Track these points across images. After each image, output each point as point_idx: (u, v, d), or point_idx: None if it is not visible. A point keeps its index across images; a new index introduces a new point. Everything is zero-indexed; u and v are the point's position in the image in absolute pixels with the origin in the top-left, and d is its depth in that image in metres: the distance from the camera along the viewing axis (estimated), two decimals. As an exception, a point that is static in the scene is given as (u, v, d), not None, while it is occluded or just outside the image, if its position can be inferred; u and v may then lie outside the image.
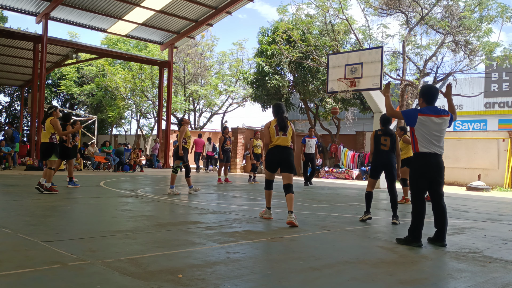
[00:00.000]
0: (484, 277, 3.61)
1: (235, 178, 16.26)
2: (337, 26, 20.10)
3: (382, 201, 10.09)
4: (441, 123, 4.78)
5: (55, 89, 36.21)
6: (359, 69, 13.44)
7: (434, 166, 4.76)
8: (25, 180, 11.98)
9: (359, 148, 21.67)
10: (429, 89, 4.97)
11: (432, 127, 4.74)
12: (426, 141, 4.75)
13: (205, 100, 33.14)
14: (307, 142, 13.87)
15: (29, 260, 3.53)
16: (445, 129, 4.84)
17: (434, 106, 4.87)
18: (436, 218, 4.88)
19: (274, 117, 6.30)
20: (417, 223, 4.80)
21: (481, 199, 11.66)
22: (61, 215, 6.17)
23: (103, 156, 18.51)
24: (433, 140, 4.74)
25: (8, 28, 21.48)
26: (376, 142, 6.62)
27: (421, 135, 4.77)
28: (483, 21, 18.13)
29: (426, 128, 4.74)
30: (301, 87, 20.97)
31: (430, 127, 4.74)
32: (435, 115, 4.77)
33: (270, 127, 6.21)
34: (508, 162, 16.73)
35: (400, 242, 4.86)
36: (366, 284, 3.27)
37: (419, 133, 4.78)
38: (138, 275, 3.25)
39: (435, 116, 4.76)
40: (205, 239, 4.75)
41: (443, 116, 4.81)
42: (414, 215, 4.86)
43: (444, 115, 4.82)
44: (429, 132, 4.74)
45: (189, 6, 19.75)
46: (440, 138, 4.78)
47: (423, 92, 4.94)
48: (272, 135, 6.17)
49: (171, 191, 9.28)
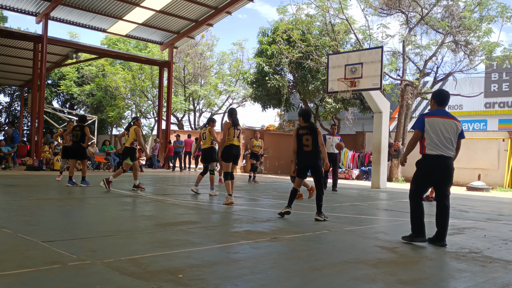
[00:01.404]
0: (484, 277, 3.61)
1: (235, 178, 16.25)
2: (337, 26, 20.11)
3: (382, 201, 10.10)
4: (449, 125, 4.83)
5: (55, 89, 36.21)
6: (359, 69, 13.44)
7: (442, 167, 4.81)
8: (25, 180, 11.98)
9: (359, 148, 21.68)
10: (440, 91, 5.12)
11: (438, 128, 4.80)
12: (433, 143, 4.80)
13: (205, 100, 33.14)
14: (328, 140, 12.17)
15: (29, 260, 3.53)
16: (454, 132, 4.85)
17: (444, 109, 4.99)
18: (438, 217, 4.92)
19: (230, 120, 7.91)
20: (417, 219, 4.90)
21: (481, 199, 11.66)
22: (61, 215, 6.17)
23: (103, 156, 18.52)
24: (440, 142, 4.78)
25: (8, 28, 21.49)
26: (298, 141, 6.37)
27: (428, 137, 4.83)
28: (483, 21, 18.14)
29: (433, 129, 4.81)
30: (301, 87, 20.98)
31: (436, 129, 4.80)
32: (443, 116, 4.86)
33: (230, 129, 7.88)
34: (508, 162, 16.73)
35: (406, 239, 4.95)
36: (366, 284, 3.27)
37: (427, 135, 4.85)
38: (138, 275, 3.25)
39: (442, 117, 4.85)
40: (205, 239, 4.75)
41: (451, 119, 4.88)
42: (412, 213, 4.96)
43: (452, 118, 4.90)
44: (436, 134, 4.80)
45: (189, 6, 19.75)
46: (448, 140, 4.81)
47: (435, 94, 5.10)
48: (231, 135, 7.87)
49: (212, 192, 9.42)
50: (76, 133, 10.49)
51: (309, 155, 6.33)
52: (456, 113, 28.88)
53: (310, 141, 6.29)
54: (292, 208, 6.69)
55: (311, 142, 6.29)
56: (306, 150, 6.33)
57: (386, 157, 14.44)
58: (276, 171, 22.83)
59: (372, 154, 14.57)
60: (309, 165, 6.38)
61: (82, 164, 10.65)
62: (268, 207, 7.83)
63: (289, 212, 6.45)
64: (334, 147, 12.02)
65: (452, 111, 28.76)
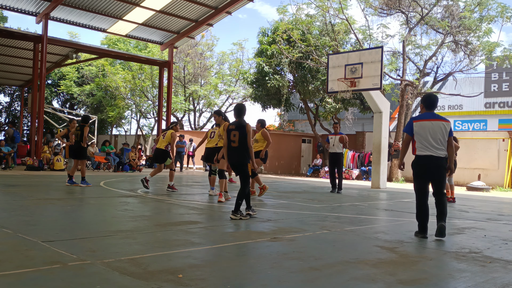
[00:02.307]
0: (484, 277, 3.61)
1: (235, 178, 16.26)
2: (337, 26, 20.11)
3: (382, 201, 10.10)
4: (437, 126, 5.17)
5: (55, 89, 36.20)
6: (359, 69, 13.43)
7: (431, 167, 5.17)
8: (25, 180, 11.98)
9: (359, 148, 21.68)
10: (429, 96, 5.47)
11: (427, 131, 5.16)
12: (422, 144, 5.18)
13: (205, 100, 33.13)
14: (331, 140, 11.76)
15: (29, 260, 3.53)
16: (442, 133, 5.17)
17: (432, 112, 5.36)
18: (437, 210, 5.25)
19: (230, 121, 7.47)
20: (419, 217, 5.25)
21: (481, 199, 11.66)
22: (61, 215, 6.18)
23: (103, 156, 18.52)
24: (428, 143, 5.14)
25: (8, 28, 21.48)
26: (227, 137, 6.29)
27: (418, 139, 5.23)
28: (483, 21, 18.14)
29: (422, 132, 5.19)
30: (301, 87, 20.97)
31: (425, 131, 5.17)
32: (431, 119, 5.23)
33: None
34: (508, 162, 16.73)
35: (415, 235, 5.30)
36: (366, 284, 3.27)
37: (416, 138, 5.24)
38: (138, 275, 3.25)
39: (430, 120, 5.22)
40: (205, 239, 4.75)
41: (439, 120, 5.23)
42: (416, 210, 5.34)
43: (440, 119, 5.24)
44: (424, 136, 5.16)
45: (189, 6, 19.74)
46: (437, 141, 5.14)
47: (424, 99, 5.47)
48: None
49: (212, 192, 9.31)
50: (76, 132, 10.55)
51: (234, 151, 6.21)
52: (456, 113, 28.88)
53: (237, 137, 6.13)
54: (292, 208, 6.68)
55: (238, 138, 6.13)
56: (233, 146, 6.21)
57: (386, 157, 14.44)
58: (276, 171, 22.83)
59: (372, 154, 14.57)
60: (233, 163, 6.24)
61: (81, 164, 10.65)
62: (268, 207, 7.83)
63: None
64: (336, 147, 11.62)
65: (452, 111, 28.78)
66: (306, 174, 21.72)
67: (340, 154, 11.69)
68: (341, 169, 11.85)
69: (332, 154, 11.69)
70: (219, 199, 8.17)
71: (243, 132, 6.12)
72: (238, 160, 6.18)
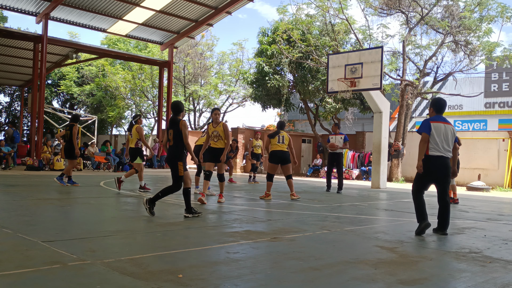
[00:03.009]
0: (484, 277, 3.61)
1: (235, 178, 16.25)
2: (337, 26, 20.10)
3: (382, 201, 10.10)
4: (449, 130, 5.44)
5: (55, 89, 36.19)
6: (359, 69, 13.43)
7: (441, 167, 5.37)
8: (25, 180, 11.98)
9: (359, 148, 21.68)
10: (438, 101, 5.64)
11: (441, 132, 5.38)
12: (436, 145, 5.35)
13: (205, 100, 33.11)
14: (331, 140, 11.69)
15: (29, 260, 3.53)
16: (451, 136, 5.47)
17: (442, 116, 5.57)
18: (440, 211, 5.47)
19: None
20: (419, 209, 5.46)
21: (481, 199, 11.66)
22: (61, 215, 6.18)
23: (103, 156, 18.52)
24: (442, 144, 5.35)
25: (8, 28, 21.47)
26: (167, 136, 6.23)
27: (433, 140, 5.36)
28: (483, 21, 18.14)
29: (437, 133, 5.37)
30: (301, 87, 20.97)
31: (440, 133, 5.38)
32: (444, 122, 5.48)
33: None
34: (508, 162, 16.73)
35: (416, 233, 5.41)
36: (366, 284, 3.27)
37: (431, 138, 5.37)
38: (138, 275, 3.25)
39: (444, 123, 5.46)
40: (205, 239, 4.75)
41: (449, 124, 5.52)
42: (415, 205, 5.54)
43: (450, 123, 5.53)
44: (439, 137, 5.36)
45: (189, 6, 19.74)
46: (447, 143, 5.41)
47: (433, 103, 5.64)
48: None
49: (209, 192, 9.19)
50: (66, 132, 10.55)
51: (170, 149, 6.14)
52: (456, 113, 28.88)
53: (172, 135, 6.08)
54: (292, 208, 6.68)
55: (173, 137, 6.07)
56: (170, 145, 6.14)
57: (386, 157, 14.44)
58: (276, 171, 22.79)
59: (372, 154, 14.57)
60: (168, 161, 6.13)
61: (69, 163, 10.57)
62: (268, 207, 7.83)
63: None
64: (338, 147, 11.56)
65: (452, 111, 28.78)
66: (306, 174, 21.72)
67: (340, 154, 11.70)
68: (341, 169, 11.84)
69: (332, 154, 11.70)
70: (219, 200, 8.16)
71: (176, 129, 6.05)
72: (170, 158, 6.08)
